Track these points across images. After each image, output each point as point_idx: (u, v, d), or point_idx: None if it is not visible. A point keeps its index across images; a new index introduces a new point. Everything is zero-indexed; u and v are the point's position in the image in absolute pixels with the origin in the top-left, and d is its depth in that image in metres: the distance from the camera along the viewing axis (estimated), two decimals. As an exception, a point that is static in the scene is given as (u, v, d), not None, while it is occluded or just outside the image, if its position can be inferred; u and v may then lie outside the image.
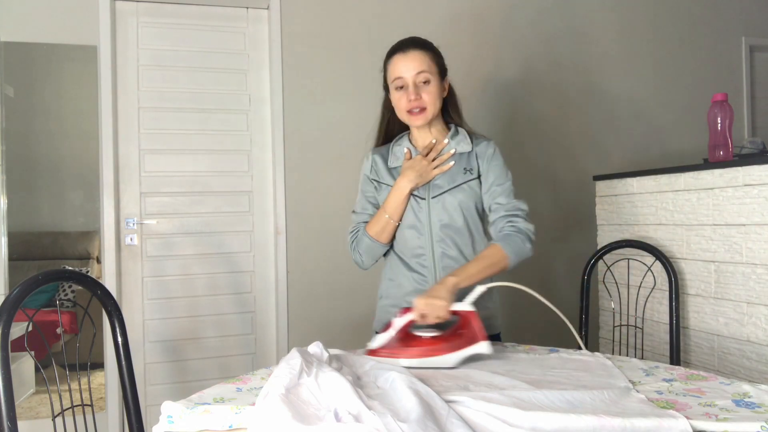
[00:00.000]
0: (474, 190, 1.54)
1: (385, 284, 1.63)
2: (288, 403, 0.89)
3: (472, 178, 1.54)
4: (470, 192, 1.53)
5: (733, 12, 3.48)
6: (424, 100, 1.50)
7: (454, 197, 1.52)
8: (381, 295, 1.65)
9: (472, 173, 1.54)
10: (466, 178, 1.54)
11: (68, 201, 2.70)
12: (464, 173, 1.54)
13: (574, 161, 3.15)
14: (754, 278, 1.85)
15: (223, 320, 2.80)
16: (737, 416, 0.92)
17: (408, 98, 1.50)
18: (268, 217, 2.86)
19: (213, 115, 2.81)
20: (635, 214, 2.33)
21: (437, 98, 1.53)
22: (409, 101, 1.50)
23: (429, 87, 1.51)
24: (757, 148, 2.29)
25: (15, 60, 2.59)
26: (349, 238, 1.64)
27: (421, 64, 1.50)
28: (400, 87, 1.52)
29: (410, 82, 1.50)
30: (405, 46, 1.53)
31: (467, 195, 1.53)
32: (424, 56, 1.51)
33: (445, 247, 1.53)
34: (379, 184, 1.59)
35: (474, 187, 1.54)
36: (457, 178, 1.54)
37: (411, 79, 1.50)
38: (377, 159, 1.62)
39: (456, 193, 1.52)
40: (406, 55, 1.51)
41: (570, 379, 1.11)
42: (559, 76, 3.16)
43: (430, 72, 1.50)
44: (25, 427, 2.49)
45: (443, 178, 1.54)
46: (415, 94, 1.49)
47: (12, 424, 1.14)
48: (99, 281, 1.48)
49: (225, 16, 2.84)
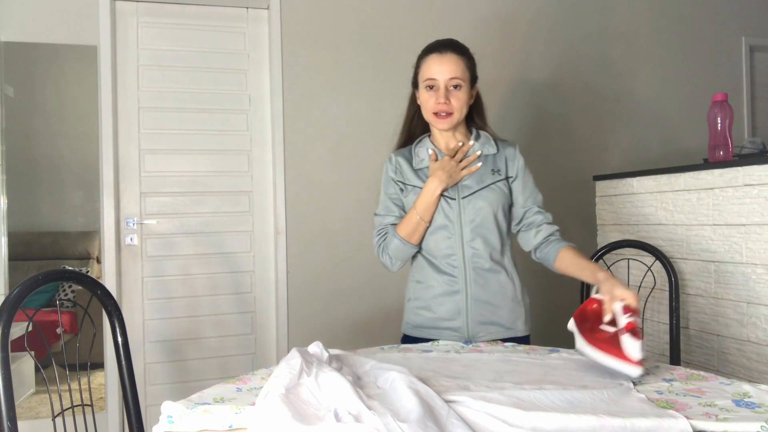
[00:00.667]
0: (502, 191, 1.56)
1: (413, 286, 1.63)
2: (288, 403, 0.89)
3: (501, 179, 1.56)
4: (499, 192, 1.55)
5: (733, 12, 3.47)
6: (452, 105, 1.51)
7: (484, 197, 1.53)
8: (409, 298, 1.64)
9: (500, 174, 1.56)
10: (494, 178, 1.55)
11: (68, 201, 2.70)
12: (492, 174, 1.56)
13: (574, 161, 3.15)
14: (754, 278, 1.85)
15: (223, 320, 2.80)
16: (737, 416, 0.92)
17: (437, 100, 1.51)
18: (268, 217, 2.86)
19: (213, 115, 2.81)
20: (635, 214, 2.33)
21: (465, 105, 1.54)
22: (438, 104, 1.51)
23: (459, 93, 1.51)
24: (757, 148, 2.29)
25: (15, 60, 2.59)
26: (375, 241, 1.63)
27: (455, 69, 1.50)
28: (431, 87, 1.52)
29: (442, 85, 1.51)
30: (443, 48, 1.53)
31: (497, 195, 1.54)
32: (459, 61, 1.51)
33: (475, 248, 1.53)
34: (405, 186, 1.59)
35: (502, 188, 1.56)
36: (486, 178, 1.55)
37: (443, 82, 1.50)
38: (401, 161, 1.61)
39: (486, 193, 1.54)
40: (442, 56, 1.51)
41: (570, 379, 1.11)
42: (558, 77, 3.16)
43: (462, 78, 1.51)
44: (25, 427, 2.49)
45: (472, 179, 1.55)
46: (445, 98, 1.50)
47: (12, 424, 1.14)
48: (99, 281, 1.48)
49: (225, 16, 2.84)
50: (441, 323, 1.56)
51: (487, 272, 1.54)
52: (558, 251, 1.50)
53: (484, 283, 1.53)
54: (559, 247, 1.50)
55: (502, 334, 1.55)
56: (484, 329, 1.54)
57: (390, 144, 1.68)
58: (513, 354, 1.34)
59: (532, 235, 1.56)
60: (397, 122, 1.72)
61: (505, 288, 1.55)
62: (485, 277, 1.54)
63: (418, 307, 1.60)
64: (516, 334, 1.56)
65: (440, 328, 1.56)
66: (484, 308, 1.54)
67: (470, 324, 1.54)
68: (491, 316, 1.54)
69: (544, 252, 1.54)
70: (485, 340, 1.52)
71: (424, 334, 1.59)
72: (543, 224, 1.56)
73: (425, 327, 1.59)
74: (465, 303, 1.53)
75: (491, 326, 1.54)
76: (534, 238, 1.56)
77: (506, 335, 1.55)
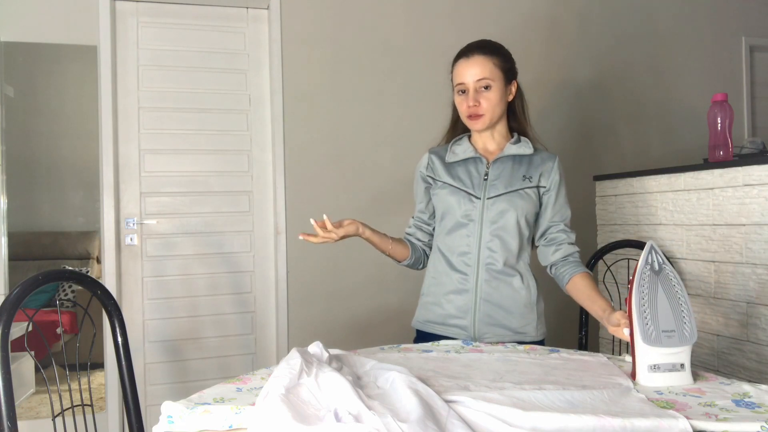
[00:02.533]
0: (531, 198, 1.55)
1: (428, 281, 1.65)
2: (288, 403, 0.89)
3: (531, 186, 1.55)
4: (527, 198, 1.54)
5: (733, 12, 3.47)
6: (482, 107, 1.52)
7: (509, 201, 1.53)
8: (423, 292, 1.66)
9: (531, 181, 1.56)
10: (524, 184, 1.55)
11: (68, 201, 2.70)
12: (522, 180, 1.56)
13: (573, 161, 3.15)
14: (754, 278, 1.85)
15: (223, 320, 2.80)
16: (737, 416, 0.92)
17: (467, 104, 1.52)
18: (268, 217, 2.86)
19: (213, 115, 2.81)
20: (635, 214, 2.33)
21: (497, 104, 1.53)
22: (468, 107, 1.52)
23: (489, 93, 1.52)
24: (757, 148, 2.29)
25: (15, 60, 2.59)
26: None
27: (482, 70, 1.51)
28: (462, 92, 1.54)
29: (470, 88, 1.52)
30: (469, 51, 1.54)
31: (523, 201, 1.54)
32: (487, 61, 1.52)
33: (492, 250, 1.53)
34: (435, 181, 1.61)
35: (531, 195, 1.55)
36: (515, 182, 1.55)
37: (471, 84, 1.52)
38: (434, 158, 1.63)
39: (512, 197, 1.53)
40: (468, 60, 1.53)
41: (570, 379, 1.11)
42: (558, 77, 3.16)
43: (491, 78, 1.51)
44: (25, 427, 2.49)
45: (500, 182, 1.55)
46: (474, 100, 1.51)
47: (12, 424, 1.14)
48: (99, 281, 1.48)
49: (225, 16, 2.84)
50: (449, 320, 1.57)
51: (499, 274, 1.54)
52: (572, 276, 1.51)
53: (496, 285, 1.54)
54: (575, 272, 1.51)
55: (510, 337, 1.55)
56: (491, 330, 1.54)
57: (390, 144, 1.68)
58: (513, 354, 1.34)
59: (551, 251, 1.57)
60: (395, 123, 1.74)
61: (517, 293, 1.55)
62: (497, 280, 1.54)
63: (429, 303, 1.62)
64: (526, 339, 1.56)
65: (448, 324, 1.57)
66: (493, 310, 1.54)
67: (477, 324, 1.54)
68: (500, 318, 1.54)
69: (559, 272, 1.55)
70: (492, 342, 1.52)
71: (433, 330, 1.60)
72: (564, 243, 1.56)
73: (434, 323, 1.60)
74: (474, 302, 1.54)
75: (499, 328, 1.54)
76: (552, 255, 1.56)
77: (514, 339, 1.55)
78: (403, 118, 2.89)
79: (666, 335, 1.10)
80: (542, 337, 1.60)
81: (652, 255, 1.17)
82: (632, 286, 1.16)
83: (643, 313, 1.12)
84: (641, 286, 1.14)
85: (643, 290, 1.14)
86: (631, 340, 1.17)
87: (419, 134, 2.67)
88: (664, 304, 1.13)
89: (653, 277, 1.15)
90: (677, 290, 1.14)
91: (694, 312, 2.08)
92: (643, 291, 1.14)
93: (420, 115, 2.88)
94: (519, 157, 1.58)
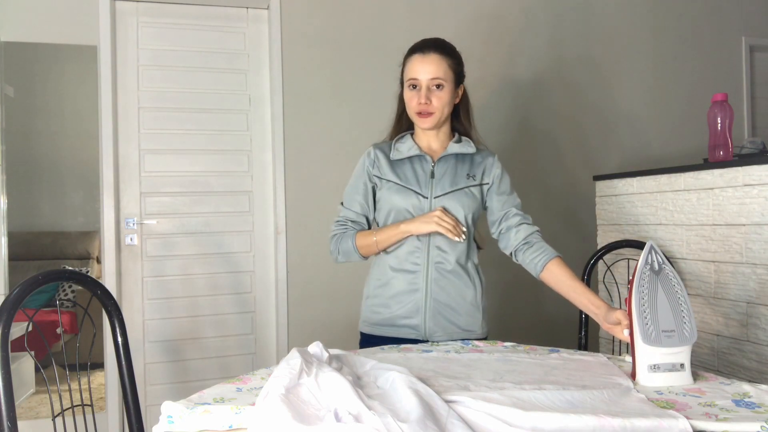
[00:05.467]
0: (475, 196, 1.57)
1: (373, 283, 1.63)
2: (288, 403, 0.89)
3: (475, 184, 1.57)
4: (472, 197, 1.56)
5: (733, 12, 3.47)
6: (433, 105, 1.52)
7: (456, 199, 1.54)
8: (368, 295, 1.64)
9: (475, 179, 1.57)
10: (468, 183, 1.57)
11: (68, 201, 2.70)
12: (467, 178, 1.57)
13: (574, 161, 3.15)
14: (754, 278, 1.85)
15: (223, 320, 2.80)
16: (737, 416, 0.92)
17: (419, 100, 1.52)
18: (268, 217, 2.86)
19: (213, 115, 2.81)
20: (635, 214, 2.33)
21: (447, 104, 1.54)
22: (419, 104, 1.52)
23: (440, 92, 1.52)
24: (757, 148, 2.29)
25: (15, 60, 2.59)
26: (332, 228, 1.64)
27: (437, 69, 1.51)
28: (414, 87, 1.54)
29: (423, 85, 1.52)
30: (426, 48, 1.53)
31: (469, 199, 1.55)
32: (442, 61, 1.52)
33: (442, 249, 1.54)
34: (381, 180, 1.59)
35: (475, 193, 1.57)
36: (460, 181, 1.56)
37: (425, 82, 1.51)
38: (379, 154, 1.61)
39: (458, 195, 1.55)
40: (424, 57, 1.52)
41: (570, 379, 1.11)
42: (558, 77, 3.16)
43: (444, 78, 1.52)
44: (25, 427, 2.49)
45: (446, 180, 1.55)
46: (426, 97, 1.51)
47: (12, 424, 1.14)
48: (99, 281, 1.48)
49: (225, 16, 2.84)
50: (399, 321, 1.56)
51: (449, 274, 1.55)
52: (546, 263, 1.49)
53: (445, 285, 1.55)
54: (547, 258, 1.49)
55: (458, 335, 1.57)
56: (441, 329, 1.56)
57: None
58: (513, 354, 1.34)
59: (512, 236, 1.56)
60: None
61: (465, 292, 1.57)
62: (447, 279, 1.55)
63: (375, 305, 1.60)
64: (471, 336, 1.58)
65: (398, 325, 1.57)
66: (442, 308, 1.55)
67: (428, 323, 1.55)
68: (449, 316, 1.56)
69: (527, 257, 1.53)
70: (442, 340, 1.54)
71: (381, 332, 1.59)
72: (522, 224, 1.56)
73: (382, 325, 1.59)
74: (424, 302, 1.54)
75: (449, 325, 1.56)
76: (513, 240, 1.56)
77: (462, 336, 1.57)
78: (403, 118, 2.89)
79: (666, 335, 1.11)
80: (486, 334, 1.62)
81: (652, 255, 1.17)
82: (632, 286, 1.16)
83: (643, 313, 1.12)
84: (641, 286, 1.14)
85: (643, 290, 1.14)
86: (631, 340, 1.17)
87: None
88: (664, 304, 1.13)
89: (653, 277, 1.15)
90: (677, 290, 1.14)
91: (694, 312, 2.08)
92: (643, 291, 1.14)
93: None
94: (462, 156, 1.59)
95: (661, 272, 1.16)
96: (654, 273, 1.15)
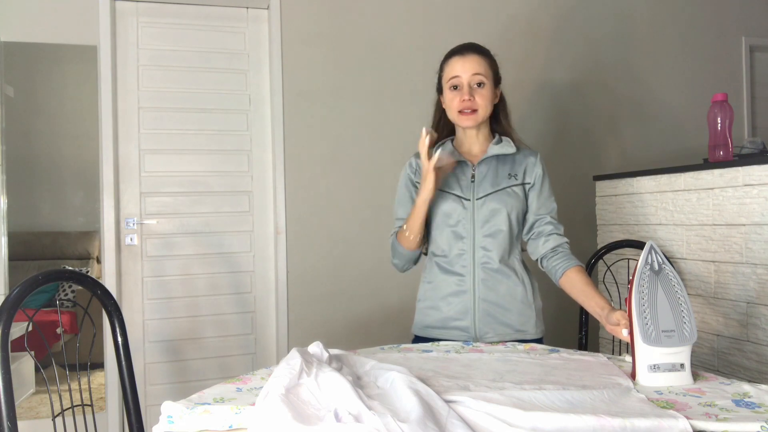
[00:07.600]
0: (518, 195, 1.57)
1: (424, 287, 1.65)
2: (288, 403, 0.89)
3: (517, 184, 1.57)
4: (514, 196, 1.56)
5: (733, 12, 3.47)
6: (476, 102, 1.53)
7: (498, 200, 1.54)
8: (419, 298, 1.66)
9: (517, 179, 1.58)
10: (510, 182, 1.57)
11: (68, 201, 2.70)
12: (508, 178, 1.57)
13: (573, 161, 3.15)
14: (754, 278, 1.85)
15: (223, 320, 2.80)
16: (737, 416, 0.92)
17: (461, 98, 1.53)
18: (268, 217, 2.86)
19: (213, 115, 2.81)
20: (635, 214, 2.33)
21: (489, 102, 1.56)
22: (462, 101, 1.53)
23: (483, 90, 1.54)
24: (757, 148, 2.29)
25: (15, 60, 2.59)
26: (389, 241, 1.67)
27: (478, 66, 1.53)
28: (455, 87, 1.55)
29: (465, 83, 1.53)
30: (464, 50, 1.56)
31: (511, 198, 1.55)
32: (482, 60, 1.55)
33: (487, 249, 1.54)
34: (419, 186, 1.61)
35: (518, 192, 1.57)
36: (501, 181, 1.56)
37: (467, 79, 1.53)
38: (419, 162, 1.62)
39: (501, 195, 1.55)
40: (464, 57, 1.55)
41: (570, 379, 1.11)
42: (558, 77, 3.16)
43: (485, 76, 1.54)
44: (25, 427, 2.49)
45: (488, 182, 1.56)
46: (469, 94, 1.52)
47: (12, 424, 1.14)
48: (99, 281, 1.48)
49: (225, 16, 2.84)
50: (449, 323, 1.57)
51: (496, 273, 1.55)
52: (566, 270, 1.51)
53: (493, 285, 1.55)
54: (568, 266, 1.51)
55: (511, 335, 1.56)
56: (492, 329, 1.55)
57: (389, 145, 1.68)
58: (513, 354, 1.34)
59: (540, 243, 1.57)
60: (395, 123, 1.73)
61: (514, 290, 1.56)
62: (494, 279, 1.55)
63: (426, 308, 1.62)
64: (526, 337, 1.56)
65: (448, 327, 1.57)
66: (493, 309, 1.55)
67: (478, 324, 1.55)
68: (500, 316, 1.55)
69: (551, 264, 1.55)
70: (494, 341, 1.53)
71: (433, 334, 1.60)
72: (552, 234, 1.57)
73: (434, 327, 1.60)
74: (473, 303, 1.54)
75: (499, 326, 1.55)
76: (542, 247, 1.57)
77: (516, 337, 1.56)
78: (403, 118, 2.89)
79: (666, 335, 1.11)
80: (541, 335, 1.60)
81: (652, 255, 1.17)
82: (632, 286, 1.16)
83: (642, 312, 1.12)
84: (641, 286, 1.14)
85: (643, 290, 1.14)
86: (630, 340, 1.17)
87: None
88: (664, 304, 1.13)
89: (653, 277, 1.15)
90: (677, 290, 1.14)
91: (694, 312, 2.08)
92: (643, 291, 1.14)
93: (420, 115, 2.86)
94: (503, 157, 1.60)
95: (661, 272, 1.16)
96: (654, 273, 1.15)
